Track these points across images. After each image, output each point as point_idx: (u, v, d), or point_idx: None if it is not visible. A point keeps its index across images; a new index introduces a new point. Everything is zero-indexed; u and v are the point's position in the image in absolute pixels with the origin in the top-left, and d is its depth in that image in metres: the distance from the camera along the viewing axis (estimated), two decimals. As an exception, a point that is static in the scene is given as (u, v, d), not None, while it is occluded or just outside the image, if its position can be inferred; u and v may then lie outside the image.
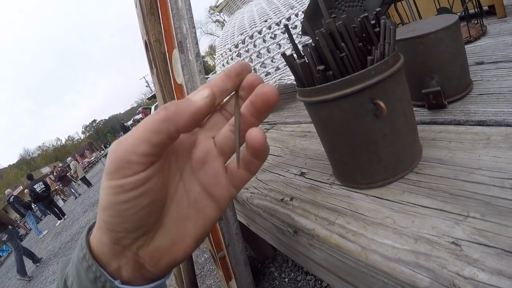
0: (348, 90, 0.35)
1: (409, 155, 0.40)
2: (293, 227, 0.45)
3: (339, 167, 0.44)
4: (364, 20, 0.36)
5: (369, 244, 0.33)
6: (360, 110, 0.35)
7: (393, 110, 0.36)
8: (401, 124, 0.38)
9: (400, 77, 0.38)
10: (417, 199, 0.35)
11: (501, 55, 0.64)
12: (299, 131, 0.76)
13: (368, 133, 0.37)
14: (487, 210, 0.30)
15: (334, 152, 0.43)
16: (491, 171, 0.35)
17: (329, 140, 0.42)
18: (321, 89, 0.36)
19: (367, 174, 0.40)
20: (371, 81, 0.34)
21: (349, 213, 0.39)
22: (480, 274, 0.25)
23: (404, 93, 0.38)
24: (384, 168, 0.39)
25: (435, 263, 0.27)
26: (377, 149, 0.38)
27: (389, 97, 0.35)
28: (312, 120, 0.44)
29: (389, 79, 0.35)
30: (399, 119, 0.38)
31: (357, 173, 0.41)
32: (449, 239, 0.29)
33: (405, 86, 0.39)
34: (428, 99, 0.52)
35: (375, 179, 0.40)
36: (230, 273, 0.94)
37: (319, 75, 0.36)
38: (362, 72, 0.34)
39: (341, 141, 0.39)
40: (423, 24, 0.54)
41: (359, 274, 0.36)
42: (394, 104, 0.36)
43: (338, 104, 0.36)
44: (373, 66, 0.34)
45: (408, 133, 0.39)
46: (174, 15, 0.62)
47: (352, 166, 0.41)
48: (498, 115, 0.44)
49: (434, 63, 0.50)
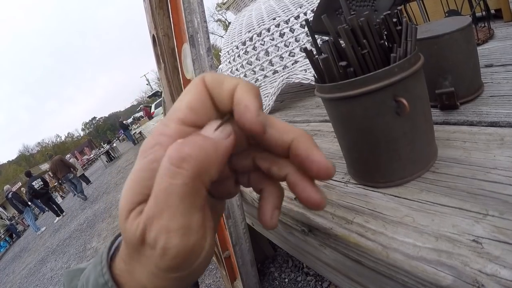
0: (371, 87, 0.35)
1: (426, 154, 0.40)
2: (308, 226, 0.45)
3: (357, 165, 0.44)
4: (387, 17, 0.36)
5: (390, 243, 0.33)
6: (382, 107, 0.36)
7: (414, 108, 0.36)
8: (421, 123, 0.38)
9: (421, 76, 0.38)
10: (435, 197, 0.36)
11: (510, 58, 0.65)
12: (308, 130, 0.76)
13: (389, 130, 0.37)
14: (505, 209, 0.30)
15: (353, 149, 0.43)
16: (507, 171, 0.35)
17: (348, 138, 0.42)
18: (344, 85, 0.36)
19: (385, 172, 0.40)
20: (394, 79, 0.35)
21: (367, 211, 0.39)
22: (502, 271, 0.25)
23: (423, 91, 0.39)
24: (402, 166, 0.39)
25: (458, 261, 0.28)
26: (397, 147, 0.38)
27: (411, 95, 0.36)
28: (331, 117, 0.44)
29: (411, 77, 0.36)
30: (419, 118, 0.38)
31: (375, 171, 0.41)
32: (470, 237, 0.29)
33: (424, 85, 0.39)
34: (441, 99, 0.52)
35: (393, 177, 0.40)
36: (235, 273, 0.94)
37: (341, 71, 0.36)
38: (385, 69, 0.34)
39: (361, 138, 0.40)
40: (436, 25, 0.54)
41: (374, 275, 0.36)
42: (415, 102, 0.36)
43: (360, 100, 0.36)
44: (397, 63, 0.34)
45: (426, 132, 0.39)
46: (185, 8, 0.62)
47: (371, 164, 0.41)
48: (510, 116, 0.44)
49: (447, 63, 0.50)
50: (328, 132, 0.69)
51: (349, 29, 0.35)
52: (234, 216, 0.70)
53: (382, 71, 0.34)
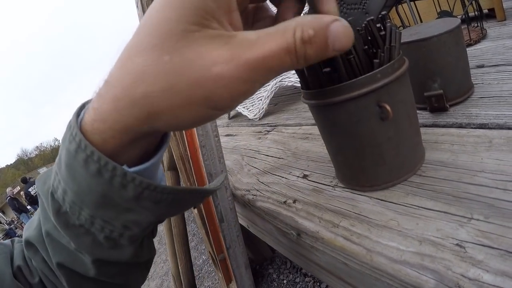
0: (355, 93, 0.35)
1: (412, 158, 0.40)
2: (296, 229, 0.45)
3: (343, 170, 0.44)
4: (370, 23, 0.36)
5: (374, 247, 0.33)
6: (366, 112, 0.36)
7: (398, 113, 0.36)
8: (405, 127, 0.38)
9: (405, 80, 0.38)
10: (421, 201, 0.36)
11: (501, 58, 0.65)
12: (300, 133, 0.76)
13: (373, 135, 0.37)
14: (490, 212, 0.30)
15: (339, 154, 0.43)
16: (494, 174, 0.35)
17: (333, 143, 0.42)
18: (328, 91, 0.36)
19: (371, 176, 0.40)
20: (377, 84, 0.35)
21: (353, 215, 0.39)
22: (484, 276, 0.25)
23: (408, 96, 0.39)
24: (388, 170, 0.39)
25: (440, 265, 0.28)
26: (381, 151, 0.38)
27: (394, 100, 0.36)
28: (316, 123, 0.44)
29: (394, 82, 0.36)
30: (403, 122, 0.38)
31: (361, 176, 0.41)
32: (454, 241, 0.29)
33: (409, 89, 0.39)
34: (430, 102, 0.52)
35: (379, 181, 0.40)
36: (230, 275, 0.94)
37: (325, 77, 0.36)
38: (368, 75, 0.34)
39: (346, 143, 0.40)
40: (425, 28, 0.54)
41: (362, 277, 0.36)
42: (399, 107, 0.36)
43: (344, 106, 0.36)
44: (379, 69, 0.34)
45: (412, 136, 0.39)
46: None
47: (356, 168, 0.41)
48: (499, 118, 0.44)
49: (436, 66, 0.50)
50: (319, 136, 0.68)
51: None
52: (227, 219, 0.70)
53: (365, 77, 0.34)
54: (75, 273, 0.30)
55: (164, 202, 0.27)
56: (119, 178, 0.24)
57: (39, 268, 0.33)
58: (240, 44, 0.21)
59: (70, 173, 0.24)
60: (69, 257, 0.29)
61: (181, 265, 1.26)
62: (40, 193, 0.29)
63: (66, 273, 0.30)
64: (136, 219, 0.26)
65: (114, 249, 0.28)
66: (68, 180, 0.25)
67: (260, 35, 0.22)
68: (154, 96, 0.22)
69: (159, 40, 0.21)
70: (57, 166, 0.26)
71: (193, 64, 0.21)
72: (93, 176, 0.23)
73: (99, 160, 0.23)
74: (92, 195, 0.24)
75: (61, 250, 0.29)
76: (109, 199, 0.24)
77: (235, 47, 0.21)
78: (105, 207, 0.25)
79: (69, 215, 0.26)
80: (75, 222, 0.26)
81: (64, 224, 0.27)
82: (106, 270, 0.30)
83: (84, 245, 0.28)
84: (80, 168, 0.24)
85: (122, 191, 0.24)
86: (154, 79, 0.21)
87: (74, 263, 0.29)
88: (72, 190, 0.25)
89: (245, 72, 0.21)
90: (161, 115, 0.22)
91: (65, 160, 0.25)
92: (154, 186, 0.25)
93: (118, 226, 0.26)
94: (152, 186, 0.25)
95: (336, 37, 0.22)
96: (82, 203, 0.25)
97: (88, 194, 0.24)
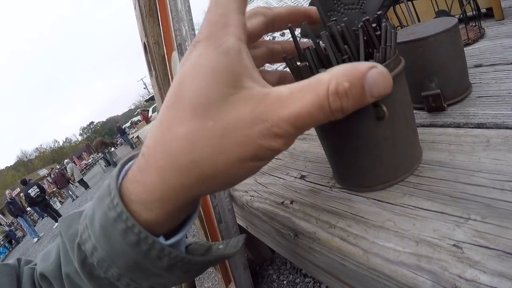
0: None
1: (409, 158, 0.40)
2: (293, 230, 0.45)
3: (340, 170, 0.44)
4: (366, 23, 0.36)
5: (371, 247, 0.33)
6: (362, 112, 0.35)
7: (394, 113, 0.36)
8: (402, 127, 0.38)
9: (401, 81, 0.38)
10: (417, 201, 0.35)
11: (499, 58, 0.65)
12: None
13: (369, 136, 0.37)
14: (487, 213, 0.30)
15: (335, 155, 0.43)
16: (491, 174, 0.35)
17: (330, 143, 0.42)
18: None
19: (368, 177, 0.40)
20: None
21: (350, 216, 0.39)
22: (481, 276, 0.25)
23: (405, 96, 0.38)
24: (385, 170, 0.39)
25: (437, 266, 0.28)
26: (378, 152, 0.38)
27: (390, 100, 0.35)
28: None
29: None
30: (400, 122, 0.38)
31: (358, 176, 0.41)
32: (450, 242, 0.29)
33: (406, 89, 0.39)
34: (427, 101, 0.52)
35: (376, 182, 0.40)
36: (229, 276, 0.94)
37: None
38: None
39: (343, 144, 0.39)
40: (422, 27, 0.54)
41: (360, 277, 0.36)
42: (395, 107, 0.36)
43: None
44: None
45: (409, 136, 0.39)
46: (173, 17, 0.62)
47: (353, 169, 0.41)
48: (497, 117, 0.44)
49: (433, 66, 0.50)
50: (317, 136, 0.68)
51: (329, 35, 0.35)
52: (226, 220, 0.70)
53: None
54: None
55: (193, 272, 0.29)
56: (156, 251, 0.25)
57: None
58: (275, 102, 0.22)
59: (104, 235, 0.25)
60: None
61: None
62: (64, 236, 0.30)
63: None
64: (164, 282, 0.28)
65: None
66: (101, 240, 0.25)
67: (293, 91, 0.23)
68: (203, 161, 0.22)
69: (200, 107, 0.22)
70: (89, 221, 0.27)
71: (237, 125, 0.22)
72: (130, 245, 0.24)
73: (139, 233, 0.24)
74: (126, 260, 0.25)
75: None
76: (141, 266, 0.25)
77: (270, 105, 0.22)
78: (136, 271, 0.26)
79: (95, 267, 0.27)
80: (101, 274, 0.27)
81: (88, 274, 0.27)
82: None
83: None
84: (118, 235, 0.24)
85: (156, 261, 0.25)
86: (201, 145, 0.22)
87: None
88: (104, 249, 0.25)
89: (280, 128, 0.22)
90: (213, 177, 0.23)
91: (101, 222, 0.25)
92: (188, 259, 0.27)
93: (145, 286, 0.27)
94: (186, 259, 0.27)
95: (373, 84, 0.22)
96: (112, 263, 0.26)
97: (121, 258, 0.25)
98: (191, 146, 0.22)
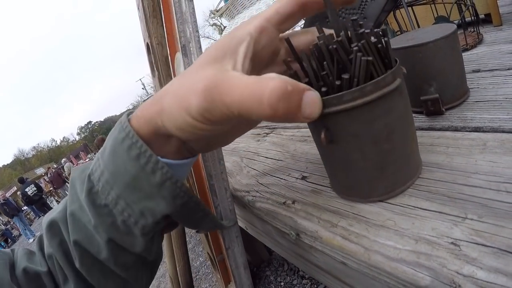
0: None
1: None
2: (295, 229, 0.46)
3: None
4: (338, 47, 0.32)
5: (372, 245, 0.34)
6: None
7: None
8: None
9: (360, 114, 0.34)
10: (417, 202, 0.37)
11: (497, 63, 0.66)
12: (299, 136, 0.77)
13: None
14: (484, 212, 0.31)
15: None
16: (487, 175, 0.36)
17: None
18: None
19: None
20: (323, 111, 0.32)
21: (351, 215, 0.40)
22: (478, 272, 0.26)
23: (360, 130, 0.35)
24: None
25: (435, 262, 0.29)
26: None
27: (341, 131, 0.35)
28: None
29: (341, 114, 0.33)
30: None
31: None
32: (448, 240, 0.30)
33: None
34: (426, 106, 0.53)
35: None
36: (229, 276, 0.95)
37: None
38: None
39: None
40: (422, 33, 0.55)
41: (360, 276, 0.37)
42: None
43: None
44: (323, 98, 0.32)
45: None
46: (178, 18, 0.63)
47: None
48: (494, 121, 0.45)
49: (432, 71, 0.52)
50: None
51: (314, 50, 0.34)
52: (227, 219, 0.71)
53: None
54: (88, 253, 0.33)
55: (179, 200, 0.31)
56: (151, 164, 0.29)
57: (52, 254, 0.36)
58: (226, 77, 0.26)
59: (113, 156, 0.30)
60: (86, 236, 0.33)
61: (179, 266, 1.26)
62: (76, 179, 0.34)
63: (81, 251, 0.33)
64: (153, 207, 0.30)
65: (128, 235, 0.32)
66: (108, 162, 0.30)
67: (245, 79, 0.26)
68: (166, 95, 0.29)
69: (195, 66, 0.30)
70: (100, 153, 0.31)
71: (194, 79, 0.28)
72: (132, 159, 0.29)
73: (140, 147, 0.28)
74: (126, 176, 0.29)
75: (80, 229, 0.33)
76: (138, 182, 0.29)
77: (221, 77, 0.26)
78: (132, 190, 0.30)
79: (99, 194, 0.31)
80: (102, 201, 0.31)
81: (91, 202, 0.31)
82: (116, 255, 0.33)
83: (103, 224, 0.32)
84: (123, 152, 0.29)
85: (150, 176, 0.29)
86: (176, 85, 0.29)
87: (89, 243, 0.33)
88: (110, 171, 0.30)
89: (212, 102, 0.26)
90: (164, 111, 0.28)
91: (111, 145, 0.30)
92: (176, 179, 0.30)
93: (136, 211, 0.30)
94: (174, 179, 0.30)
95: (307, 104, 0.25)
96: (114, 183, 0.30)
97: (123, 175, 0.29)
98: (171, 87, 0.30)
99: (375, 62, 0.32)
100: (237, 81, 0.25)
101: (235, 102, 0.25)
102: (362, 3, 0.73)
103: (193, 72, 0.29)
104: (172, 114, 0.28)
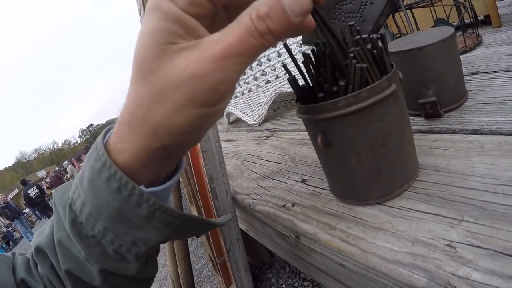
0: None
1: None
2: (295, 232, 0.46)
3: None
4: (333, 55, 0.33)
5: (369, 247, 0.35)
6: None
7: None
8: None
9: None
10: (414, 204, 0.37)
11: (496, 65, 0.66)
12: (299, 139, 0.78)
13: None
14: (480, 214, 0.32)
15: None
16: (484, 178, 0.36)
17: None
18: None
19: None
20: (320, 116, 0.35)
21: (349, 218, 0.40)
22: (474, 274, 0.27)
23: (355, 135, 0.36)
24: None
25: (431, 264, 0.29)
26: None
27: (337, 135, 0.36)
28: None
29: (336, 119, 0.34)
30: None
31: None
32: (445, 242, 0.31)
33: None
34: (424, 108, 0.53)
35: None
36: (230, 278, 0.95)
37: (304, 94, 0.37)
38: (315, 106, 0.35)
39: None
40: (420, 36, 0.55)
41: (358, 278, 0.37)
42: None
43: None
44: (319, 104, 0.34)
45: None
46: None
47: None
48: (491, 124, 0.46)
49: (430, 74, 0.52)
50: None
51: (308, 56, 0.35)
52: (223, 215, 0.71)
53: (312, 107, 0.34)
54: (81, 281, 0.32)
55: (172, 225, 0.29)
56: (136, 197, 0.26)
57: (45, 275, 0.34)
58: (206, 45, 0.23)
59: (92, 188, 0.27)
60: (77, 266, 0.31)
61: (180, 269, 1.27)
62: (57, 204, 0.32)
63: (73, 280, 0.32)
64: (145, 237, 0.29)
65: (121, 262, 0.30)
66: (88, 194, 0.27)
67: (223, 31, 0.24)
68: (151, 112, 0.24)
69: (142, 63, 0.24)
70: (79, 181, 0.29)
71: (172, 73, 0.23)
72: (113, 193, 0.26)
73: (120, 179, 0.25)
74: (109, 209, 0.27)
75: (70, 258, 0.31)
76: (123, 215, 0.27)
77: (202, 48, 0.23)
78: (119, 222, 0.27)
79: (84, 226, 0.29)
80: (88, 233, 0.29)
81: (77, 234, 0.29)
82: (111, 281, 0.32)
83: (93, 255, 0.30)
84: (102, 184, 0.26)
85: (136, 209, 0.26)
86: (148, 97, 0.24)
87: (81, 272, 0.31)
88: (92, 203, 0.27)
89: (214, 63, 0.23)
90: (161, 127, 0.25)
91: (89, 176, 0.27)
92: (166, 208, 0.28)
93: (128, 241, 0.29)
94: (163, 208, 0.27)
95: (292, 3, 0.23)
96: (98, 216, 0.27)
97: (106, 208, 0.27)
98: (140, 100, 0.24)
99: (370, 68, 0.33)
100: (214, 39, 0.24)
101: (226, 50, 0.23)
102: (361, 6, 0.73)
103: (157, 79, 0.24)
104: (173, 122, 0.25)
